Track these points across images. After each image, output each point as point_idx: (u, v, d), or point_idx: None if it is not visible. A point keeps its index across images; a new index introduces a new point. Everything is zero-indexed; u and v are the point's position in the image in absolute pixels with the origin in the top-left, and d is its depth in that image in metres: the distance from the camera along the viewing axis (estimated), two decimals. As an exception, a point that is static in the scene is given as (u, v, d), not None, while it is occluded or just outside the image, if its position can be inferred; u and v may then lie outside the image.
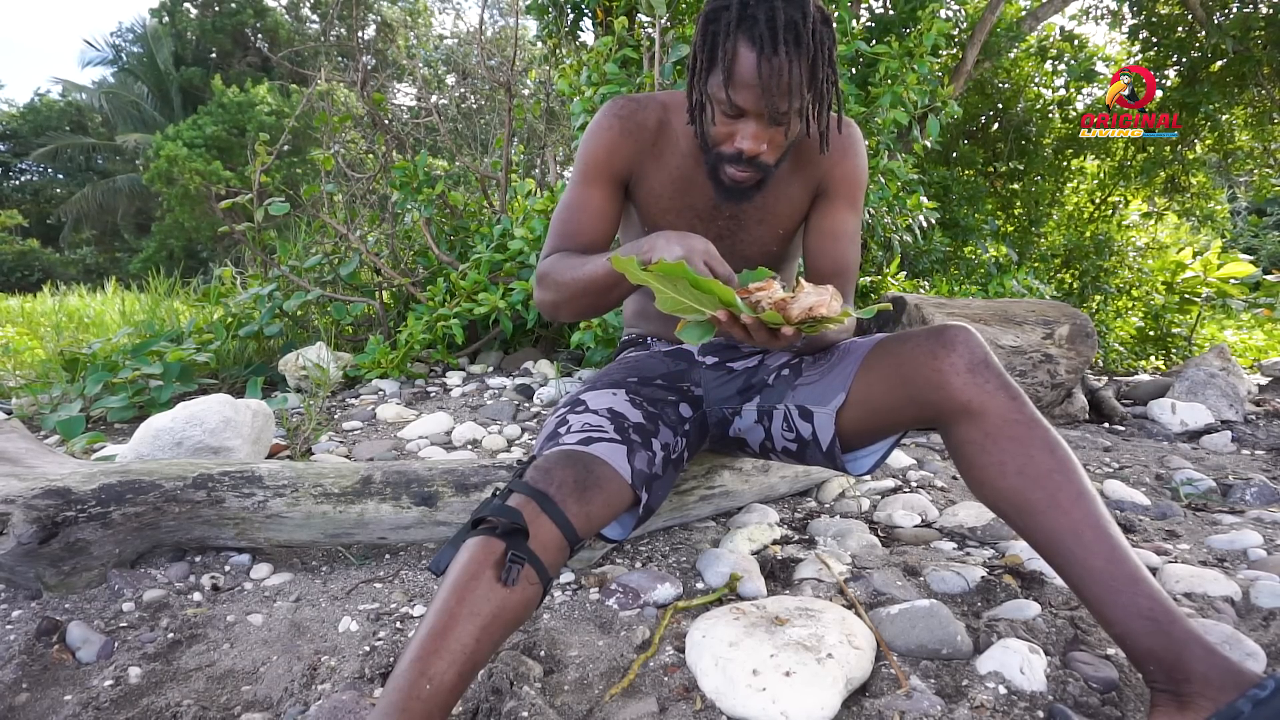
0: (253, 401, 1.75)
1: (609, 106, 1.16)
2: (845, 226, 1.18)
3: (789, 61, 0.93)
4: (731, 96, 0.96)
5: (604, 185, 1.15)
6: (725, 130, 1.01)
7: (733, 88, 0.96)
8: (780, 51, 0.93)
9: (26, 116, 21.04)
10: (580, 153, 1.17)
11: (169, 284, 4.52)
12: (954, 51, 4.56)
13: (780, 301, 0.81)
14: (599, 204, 1.14)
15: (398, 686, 0.71)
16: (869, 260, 3.24)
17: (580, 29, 4.12)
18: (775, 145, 1.02)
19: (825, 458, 1.06)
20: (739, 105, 0.97)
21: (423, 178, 3.16)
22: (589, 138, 1.16)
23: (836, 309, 0.82)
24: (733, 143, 1.01)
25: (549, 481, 0.88)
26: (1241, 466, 2.07)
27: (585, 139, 1.17)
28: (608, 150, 1.14)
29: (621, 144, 1.14)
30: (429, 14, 11.74)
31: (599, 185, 1.15)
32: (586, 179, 1.15)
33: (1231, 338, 5.44)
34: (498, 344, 3.25)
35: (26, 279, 17.83)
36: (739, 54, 0.94)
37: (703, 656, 0.94)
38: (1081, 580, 0.82)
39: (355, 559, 1.32)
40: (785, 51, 0.93)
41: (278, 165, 3.96)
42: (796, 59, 0.94)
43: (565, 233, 1.14)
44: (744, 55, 0.94)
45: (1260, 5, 4.68)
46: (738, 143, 1.00)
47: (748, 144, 0.99)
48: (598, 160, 1.14)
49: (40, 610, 1.10)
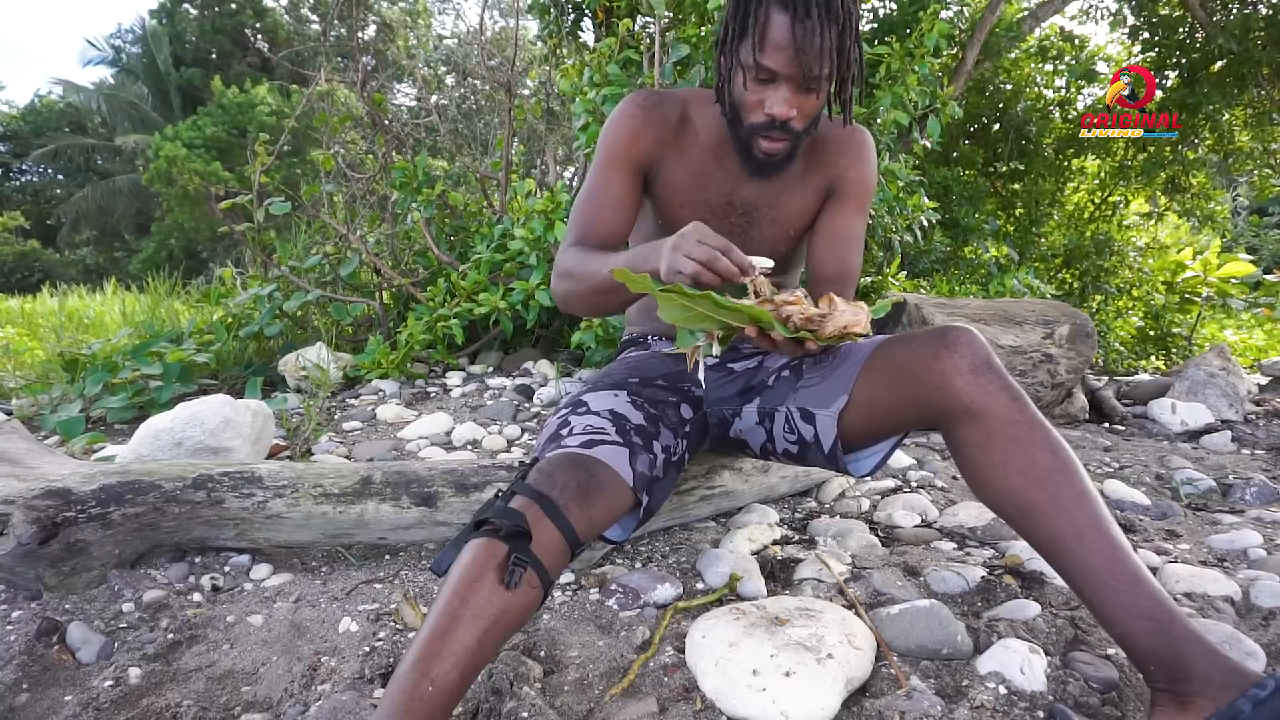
0: (252, 402, 1.75)
1: (632, 97, 1.17)
2: (852, 230, 1.18)
3: (821, 25, 0.96)
4: (763, 60, 0.98)
5: (625, 172, 1.16)
6: (757, 97, 1.02)
7: (766, 51, 0.98)
8: (813, 14, 0.95)
9: (26, 117, 21.03)
10: (601, 141, 1.18)
11: (169, 284, 4.51)
12: (954, 52, 4.56)
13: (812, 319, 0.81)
14: (619, 190, 1.15)
15: (400, 687, 0.71)
16: (869, 260, 3.24)
17: (581, 29, 4.12)
18: (805, 113, 1.04)
19: (827, 459, 1.06)
20: (771, 69, 0.98)
21: (423, 178, 3.16)
22: (611, 126, 1.17)
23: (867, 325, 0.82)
24: (763, 109, 1.02)
25: (552, 484, 0.88)
26: (1241, 466, 2.07)
27: (607, 128, 1.18)
28: (631, 137, 1.15)
29: (644, 131, 1.15)
30: (428, 14, 11.74)
31: (620, 172, 1.16)
32: (609, 165, 1.16)
33: (1231, 337, 5.43)
34: (498, 344, 3.25)
35: (26, 280, 17.82)
36: (772, 18, 0.97)
37: (703, 657, 0.94)
38: (1083, 580, 0.82)
39: (355, 559, 1.32)
40: (818, 15, 0.95)
41: (278, 165, 3.95)
42: (828, 24, 0.96)
43: (585, 220, 1.15)
44: (777, 19, 0.96)
45: (1260, 5, 4.68)
46: (769, 108, 1.02)
47: (780, 109, 1.01)
48: (620, 146, 1.15)
49: (40, 611, 1.10)
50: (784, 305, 0.83)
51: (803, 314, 0.82)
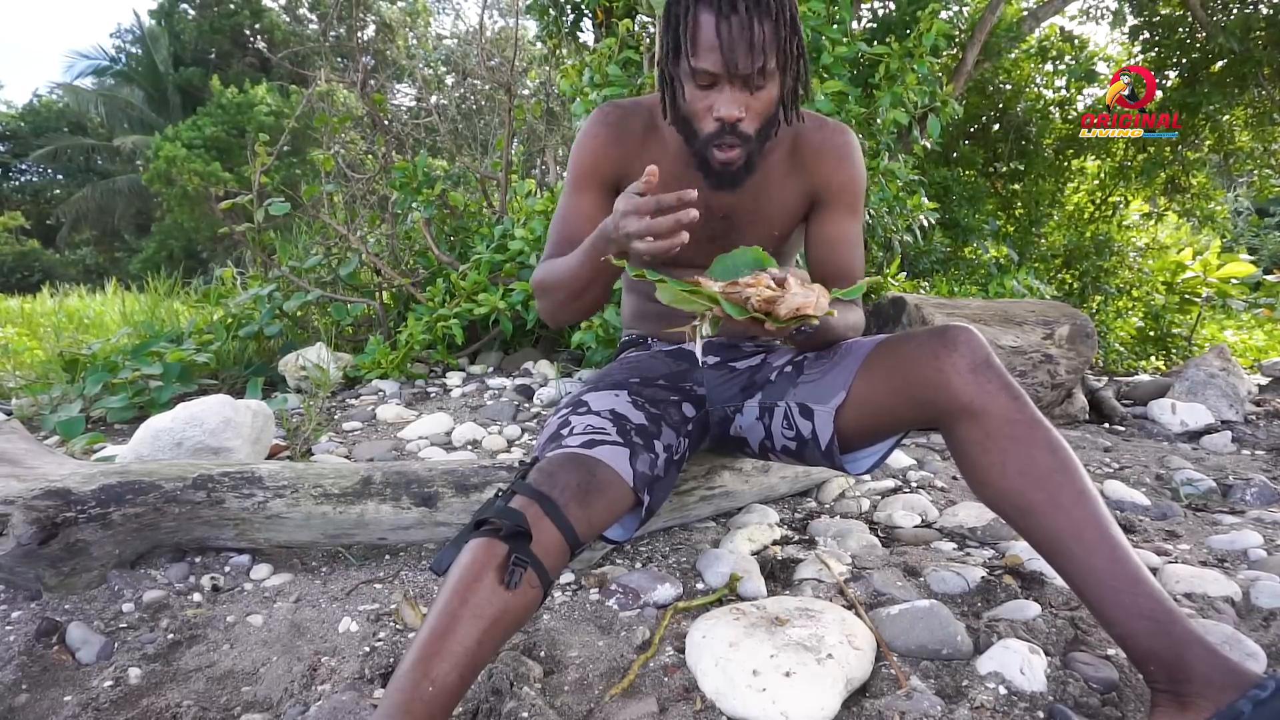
0: (253, 402, 1.75)
1: (596, 114, 1.18)
2: (847, 233, 1.18)
3: (750, 18, 0.94)
4: (698, 64, 0.97)
5: (593, 191, 1.16)
6: (703, 104, 1.01)
7: (699, 54, 0.97)
8: (740, 9, 0.94)
9: (26, 117, 21.04)
10: (571, 161, 1.19)
11: (169, 284, 4.51)
12: (954, 52, 4.56)
13: (767, 300, 0.82)
14: (589, 210, 1.15)
15: (400, 688, 0.71)
16: (870, 260, 3.24)
17: (580, 29, 4.12)
18: (754, 112, 1.01)
19: (824, 457, 1.06)
20: (707, 70, 0.97)
21: (423, 178, 3.17)
22: (577, 147, 1.18)
23: (825, 306, 0.83)
24: (712, 115, 1.01)
25: (552, 484, 0.88)
26: (1241, 466, 2.07)
27: (575, 147, 1.19)
28: (594, 157, 1.16)
29: (608, 150, 1.15)
30: (428, 14, 11.74)
31: (588, 192, 1.16)
32: (577, 187, 1.17)
33: (1231, 338, 5.43)
34: (498, 344, 3.25)
35: (26, 280, 17.82)
36: (699, 21, 0.96)
37: (703, 657, 0.94)
38: (1083, 580, 0.82)
39: (355, 559, 1.32)
40: (745, 9, 0.94)
41: (277, 166, 3.95)
42: (758, 16, 0.95)
43: (558, 240, 1.16)
44: (704, 19, 0.96)
45: (1261, 5, 4.68)
46: (716, 111, 1.00)
47: (726, 109, 0.99)
48: (585, 168, 1.16)
49: (40, 611, 1.10)
50: (745, 287, 0.83)
51: (760, 296, 0.82)
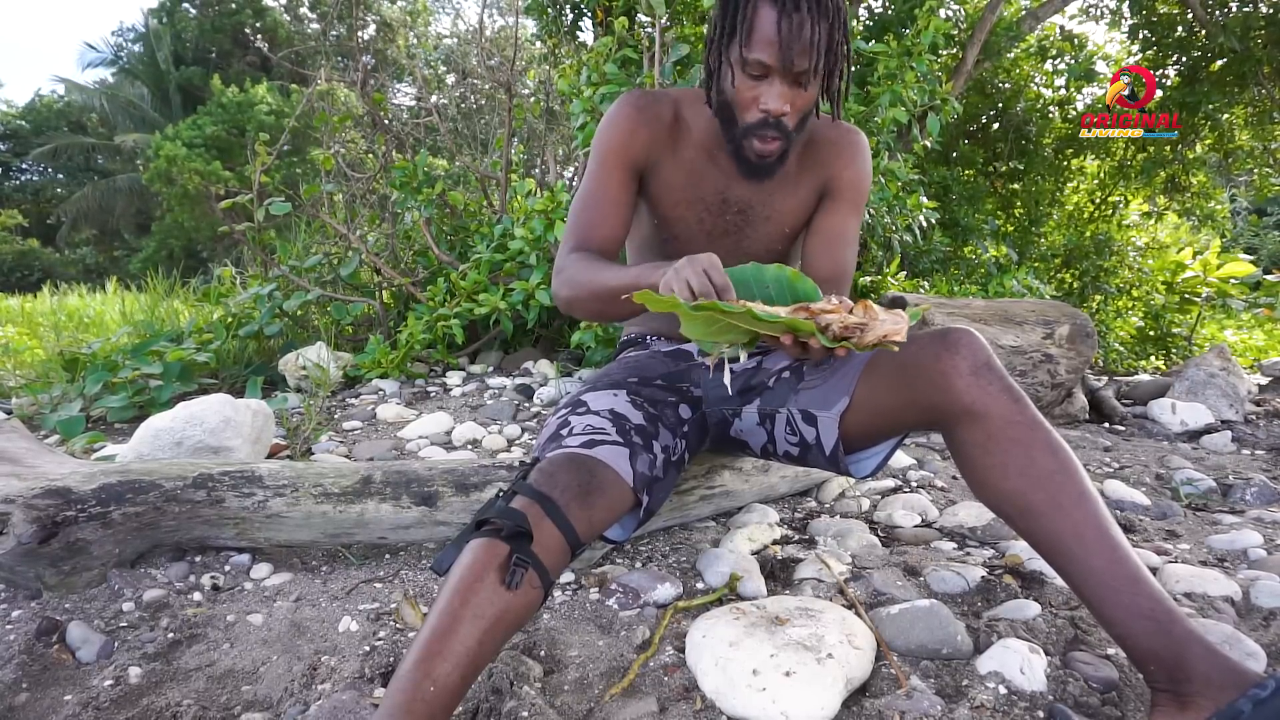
0: (253, 401, 1.75)
1: (625, 98, 1.18)
2: (847, 230, 1.18)
3: (810, 18, 0.97)
4: (752, 55, 0.99)
5: (622, 174, 1.16)
6: (749, 94, 1.03)
7: (755, 46, 0.99)
8: (802, 7, 0.96)
9: (26, 116, 21.04)
10: (596, 142, 1.18)
11: (169, 284, 4.51)
12: (954, 51, 4.56)
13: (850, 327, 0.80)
14: (616, 193, 1.16)
15: (401, 688, 0.71)
16: (869, 260, 3.24)
17: (579, 29, 4.12)
18: (797, 108, 1.04)
19: (828, 461, 1.06)
20: (762, 62, 0.99)
21: (423, 178, 3.16)
22: (606, 127, 1.17)
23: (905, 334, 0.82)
24: (758, 106, 1.03)
25: (553, 485, 0.88)
26: (1241, 466, 2.07)
27: (602, 129, 1.18)
28: (626, 138, 1.15)
29: (639, 132, 1.16)
30: (428, 14, 11.74)
31: (617, 174, 1.16)
32: (605, 166, 1.16)
33: (1231, 338, 5.43)
34: (498, 344, 3.25)
35: (26, 279, 17.82)
36: (760, 12, 0.98)
37: (703, 656, 0.94)
38: (1083, 581, 0.82)
39: (355, 559, 1.32)
40: (806, 8, 0.96)
41: (278, 165, 3.96)
42: (817, 18, 0.97)
43: (584, 223, 1.15)
44: (765, 12, 0.98)
45: (1260, 4, 4.68)
46: (764, 103, 1.02)
47: (774, 103, 1.01)
48: (616, 148, 1.16)
49: (40, 610, 1.10)
50: (821, 314, 0.82)
51: (842, 323, 0.81)
